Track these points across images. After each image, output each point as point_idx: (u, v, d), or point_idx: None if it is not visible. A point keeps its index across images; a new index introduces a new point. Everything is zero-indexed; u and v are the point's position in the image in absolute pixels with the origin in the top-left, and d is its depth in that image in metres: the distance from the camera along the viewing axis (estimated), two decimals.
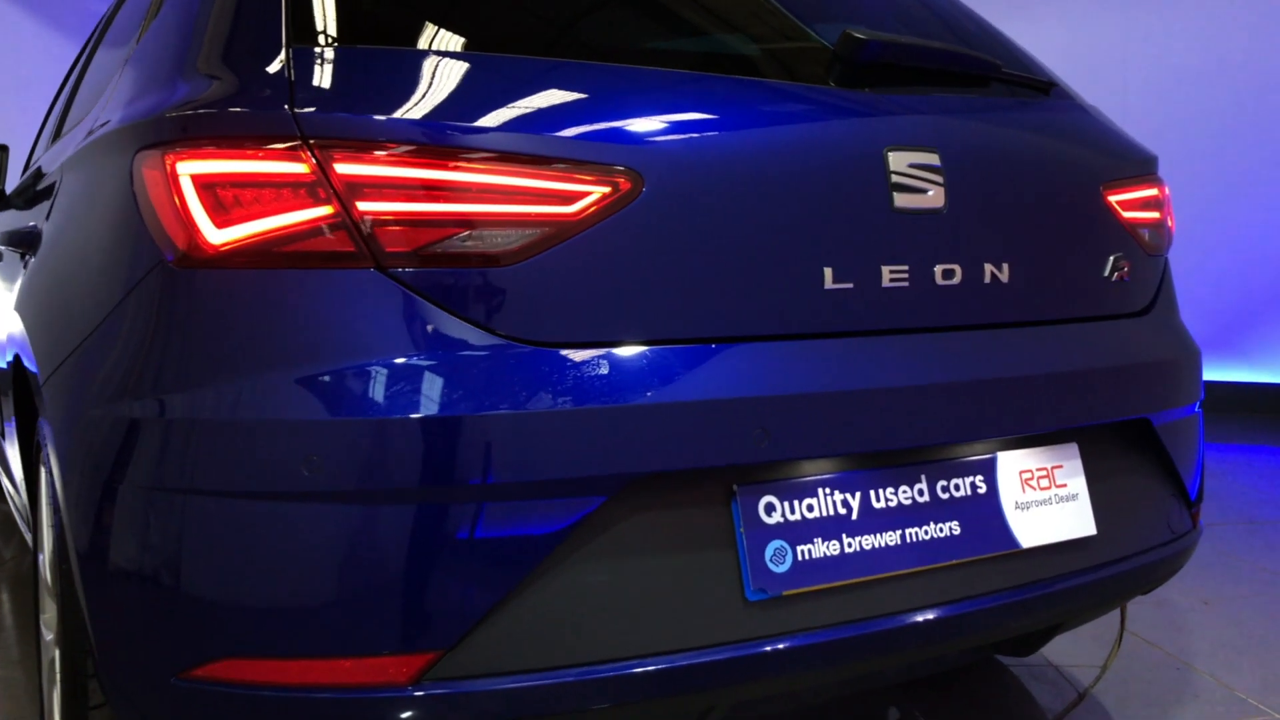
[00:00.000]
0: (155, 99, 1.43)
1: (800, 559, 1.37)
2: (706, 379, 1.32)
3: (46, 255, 1.78)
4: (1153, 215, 1.83)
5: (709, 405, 1.30)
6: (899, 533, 1.44)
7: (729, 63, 1.63)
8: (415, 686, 1.22)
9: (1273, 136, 6.12)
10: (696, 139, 1.37)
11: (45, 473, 1.59)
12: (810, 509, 1.39)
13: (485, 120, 1.29)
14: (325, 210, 1.24)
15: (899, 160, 1.47)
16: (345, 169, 1.24)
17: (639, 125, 1.35)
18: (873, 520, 1.43)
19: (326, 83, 1.32)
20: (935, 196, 1.50)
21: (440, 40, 1.45)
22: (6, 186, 2.87)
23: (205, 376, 1.23)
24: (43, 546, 1.76)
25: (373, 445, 1.20)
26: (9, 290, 2.14)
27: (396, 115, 1.27)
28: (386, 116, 1.27)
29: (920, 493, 1.48)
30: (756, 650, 1.33)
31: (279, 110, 1.26)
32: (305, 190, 1.24)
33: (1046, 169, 1.69)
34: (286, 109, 1.26)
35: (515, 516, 1.23)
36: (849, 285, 1.43)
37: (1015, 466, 1.57)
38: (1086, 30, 6.48)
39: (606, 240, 1.30)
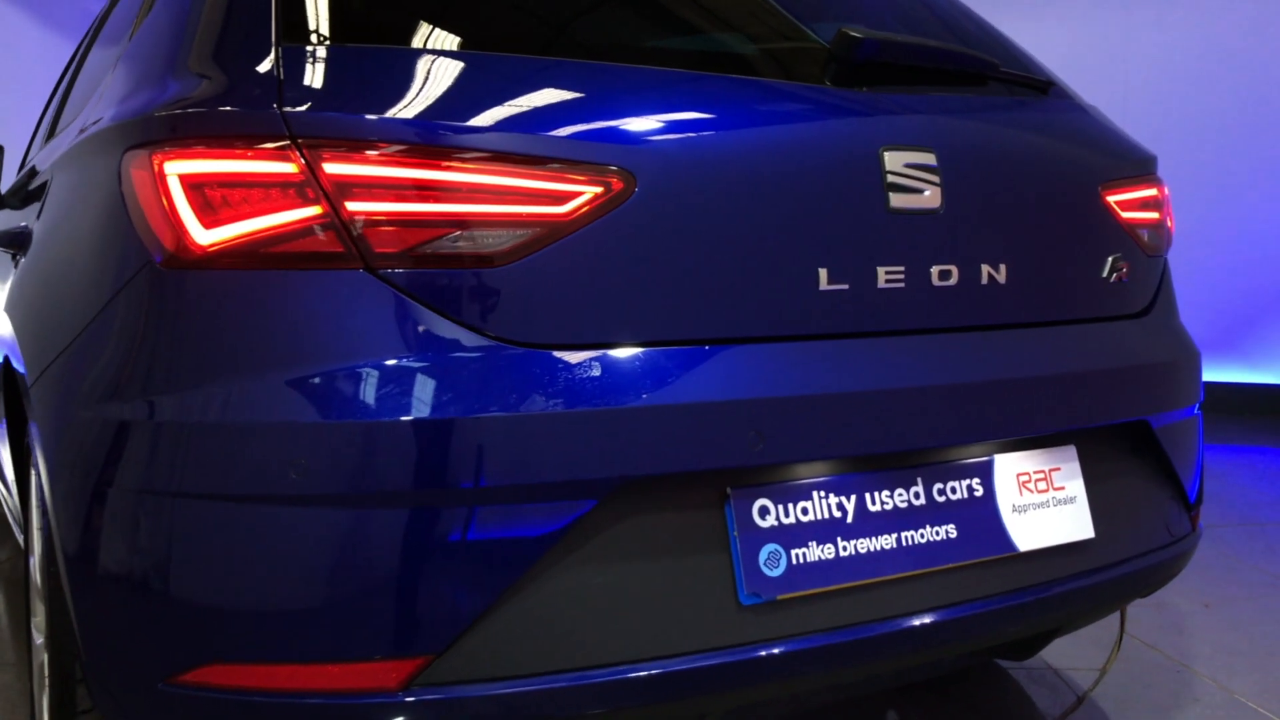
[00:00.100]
0: (146, 97, 1.42)
1: (795, 563, 1.36)
2: (700, 381, 1.30)
3: (36, 255, 1.76)
4: (1152, 215, 1.81)
5: (702, 408, 1.29)
6: (895, 536, 1.43)
7: (723, 61, 1.62)
8: (405, 692, 1.21)
9: (1273, 136, 6.10)
10: (690, 139, 1.36)
11: (35, 474, 1.58)
12: (805, 512, 1.38)
13: (476, 120, 1.28)
14: (314, 210, 1.22)
15: (895, 160, 1.46)
16: (334, 169, 1.23)
17: (632, 125, 1.34)
18: (868, 524, 1.42)
19: (316, 82, 1.30)
20: (931, 197, 1.49)
21: (430, 39, 1.44)
22: (2, 186, 2.86)
23: (193, 378, 1.22)
24: (34, 549, 1.74)
25: (361, 448, 1.19)
26: (0, 291, 2.13)
27: (386, 115, 1.26)
28: (376, 116, 1.26)
29: (916, 496, 1.46)
30: (750, 655, 1.31)
31: (268, 110, 1.25)
32: (294, 190, 1.23)
33: (1044, 169, 1.67)
34: (275, 108, 1.25)
35: (505, 520, 1.22)
36: (844, 286, 1.42)
37: (1012, 469, 1.56)
38: (1087, 30, 6.46)
39: (599, 241, 1.29)
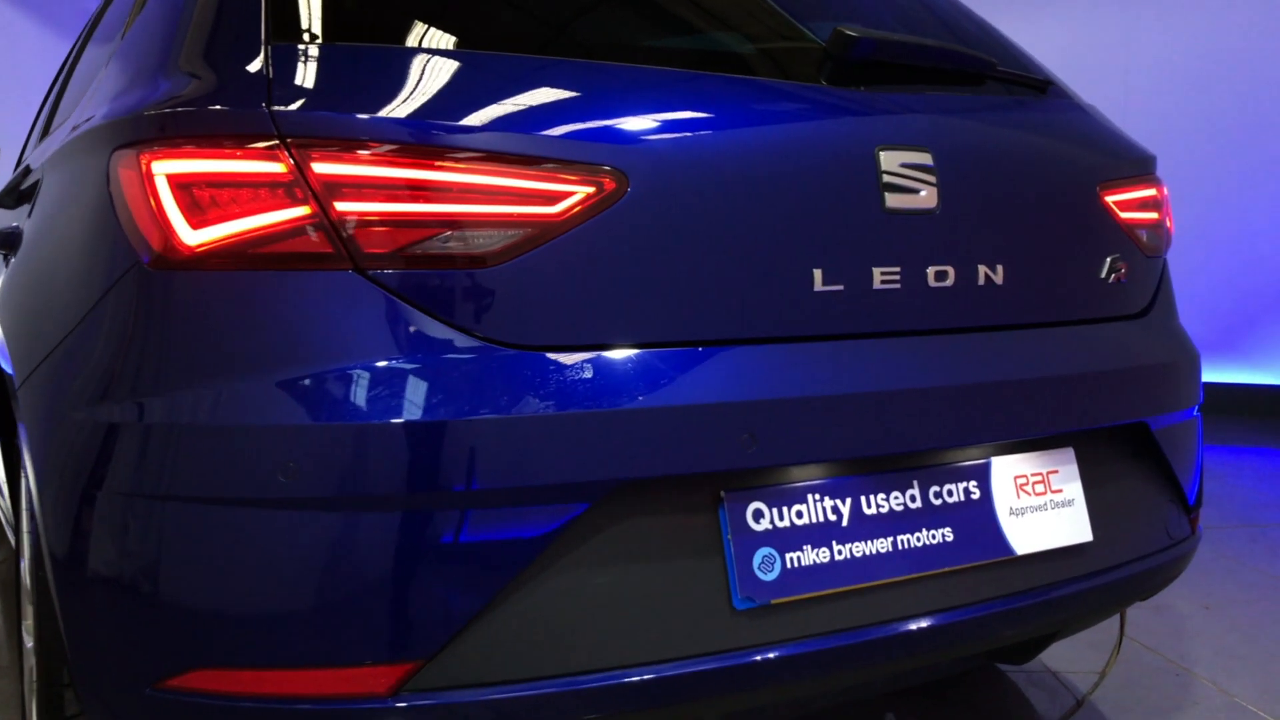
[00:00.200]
0: (136, 96, 1.41)
1: (789, 566, 1.34)
2: (693, 383, 1.29)
3: (25, 256, 1.75)
4: (1151, 216, 1.80)
5: (695, 410, 1.28)
6: (890, 540, 1.42)
7: (718, 60, 1.60)
8: (395, 697, 1.20)
9: (1273, 137, 6.09)
10: (683, 138, 1.34)
11: (23, 476, 1.57)
12: (799, 515, 1.37)
13: (466, 119, 1.26)
14: (303, 210, 1.21)
15: (890, 160, 1.44)
16: (323, 168, 1.21)
17: (624, 124, 1.32)
18: (863, 527, 1.40)
19: (306, 81, 1.29)
20: (928, 197, 1.47)
21: (421, 38, 1.43)
22: None
23: (180, 381, 1.21)
24: (25, 552, 1.73)
25: (350, 451, 1.17)
26: None
27: (376, 114, 1.25)
28: (366, 115, 1.24)
29: (912, 499, 1.45)
30: (745, 660, 1.30)
31: (256, 109, 1.23)
32: (283, 190, 1.21)
33: (1042, 169, 1.66)
34: (264, 107, 1.23)
35: (496, 524, 1.20)
36: (839, 287, 1.41)
37: (1010, 472, 1.54)
38: (1087, 30, 6.45)
39: (591, 241, 1.27)
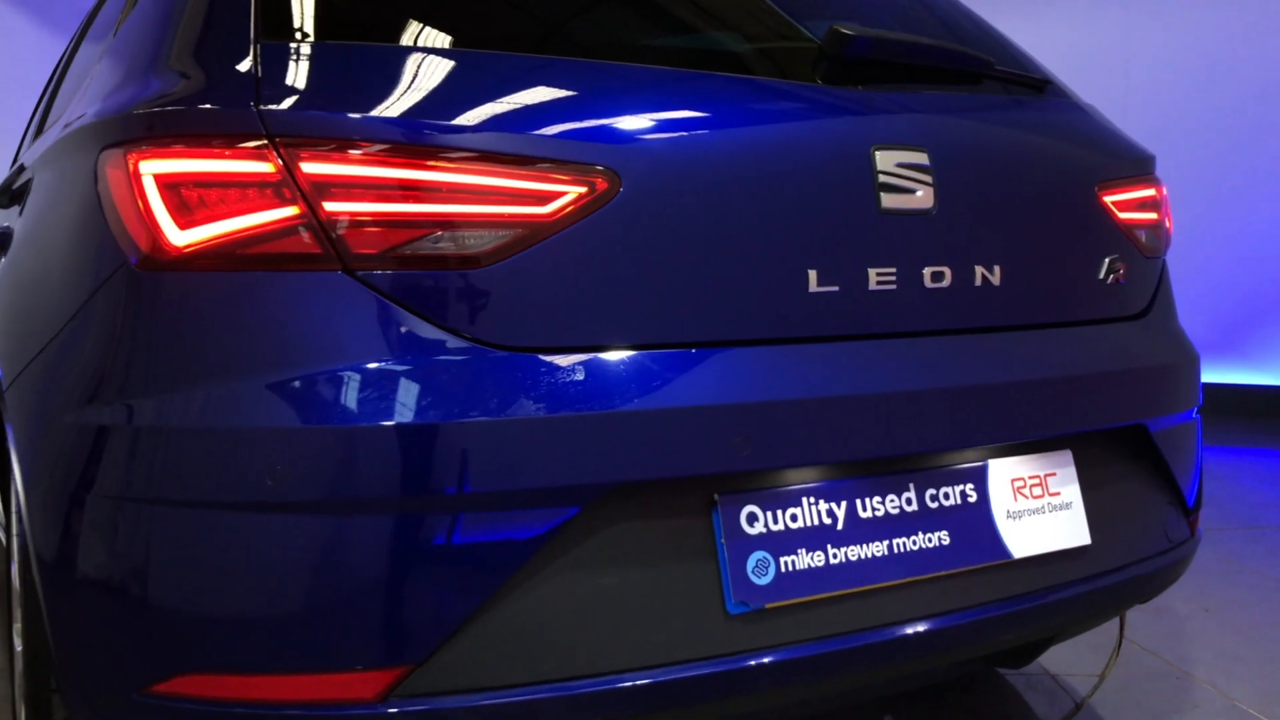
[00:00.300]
0: (126, 95, 1.40)
1: (783, 570, 1.33)
2: (686, 385, 1.28)
3: (14, 255, 1.74)
4: (1150, 216, 1.78)
5: (688, 412, 1.26)
6: (886, 543, 1.40)
7: (711, 59, 1.59)
8: (385, 703, 1.18)
9: (1274, 136, 6.08)
10: (677, 138, 1.33)
11: (11, 478, 1.56)
12: (794, 519, 1.35)
13: (456, 118, 1.25)
14: (291, 211, 1.20)
15: (886, 160, 1.43)
16: (312, 168, 1.20)
17: (616, 123, 1.31)
18: (859, 530, 1.39)
19: (295, 80, 1.28)
20: (924, 197, 1.46)
21: (411, 36, 1.41)
22: None
23: (167, 383, 1.20)
24: (14, 554, 1.72)
25: (338, 454, 1.16)
26: None
27: (365, 113, 1.23)
28: (355, 114, 1.23)
29: (908, 502, 1.44)
30: (738, 665, 1.29)
31: (245, 108, 1.22)
32: (271, 190, 1.20)
33: (1040, 168, 1.64)
34: (252, 107, 1.22)
35: (485, 527, 1.19)
36: (834, 288, 1.39)
37: (1007, 474, 1.53)
38: (1087, 30, 6.44)
39: (583, 242, 1.26)
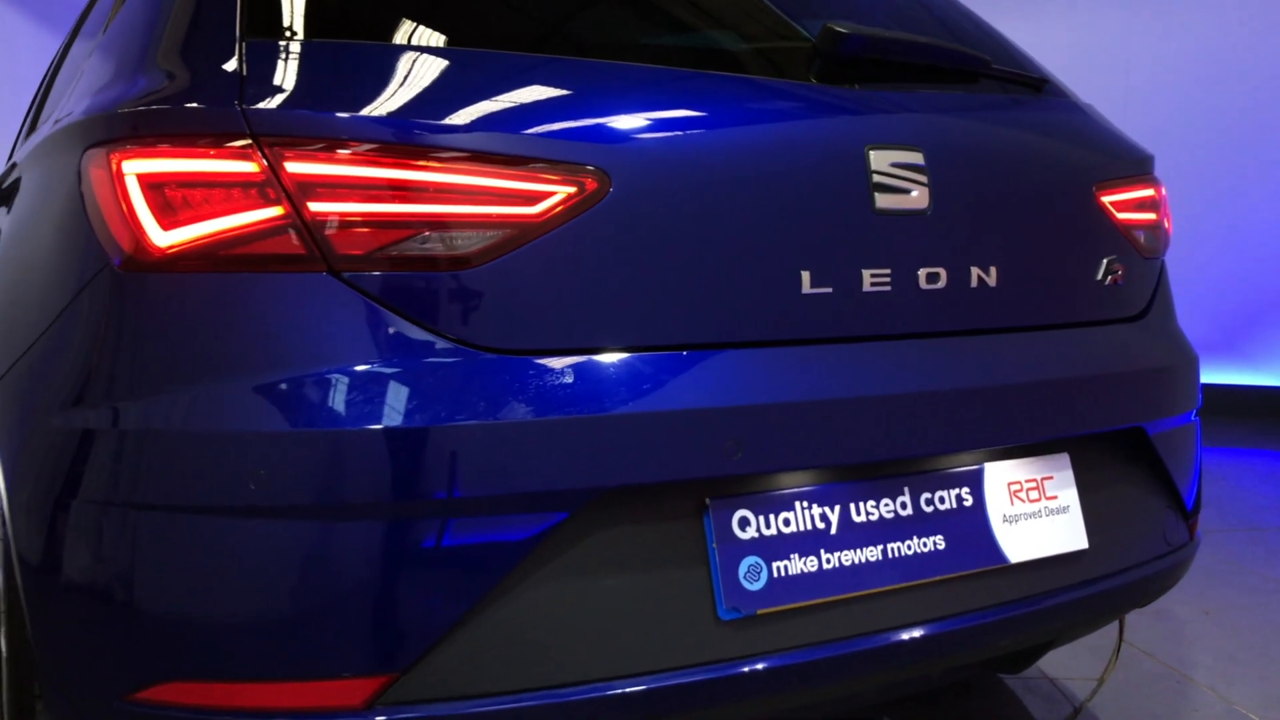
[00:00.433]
0: (114, 93, 1.38)
1: (776, 576, 1.31)
2: (677, 388, 1.26)
3: (0, 254, 1.72)
4: (1148, 216, 1.77)
5: (679, 415, 1.24)
6: (880, 548, 1.39)
7: (704, 57, 1.57)
8: (371, 710, 1.17)
9: (1274, 137, 6.06)
10: (667, 137, 1.31)
11: None
12: (786, 523, 1.34)
13: (443, 118, 1.23)
14: (275, 211, 1.18)
15: (881, 159, 1.41)
16: (296, 168, 1.18)
17: (606, 123, 1.29)
18: (852, 535, 1.37)
19: (280, 78, 1.26)
20: (919, 197, 1.44)
21: (398, 35, 1.40)
22: None
23: (150, 385, 1.18)
24: None
25: (321, 459, 1.14)
26: None
27: (351, 112, 1.21)
28: (340, 114, 1.21)
29: (903, 506, 1.42)
30: (730, 672, 1.27)
31: (229, 107, 1.21)
32: (255, 190, 1.18)
33: (1037, 168, 1.63)
34: (237, 106, 1.20)
35: (472, 532, 1.17)
36: (828, 289, 1.37)
37: (1003, 478, 1.51)
38: (1087, 30, 6.42)
39: (572, 243, 1.24)
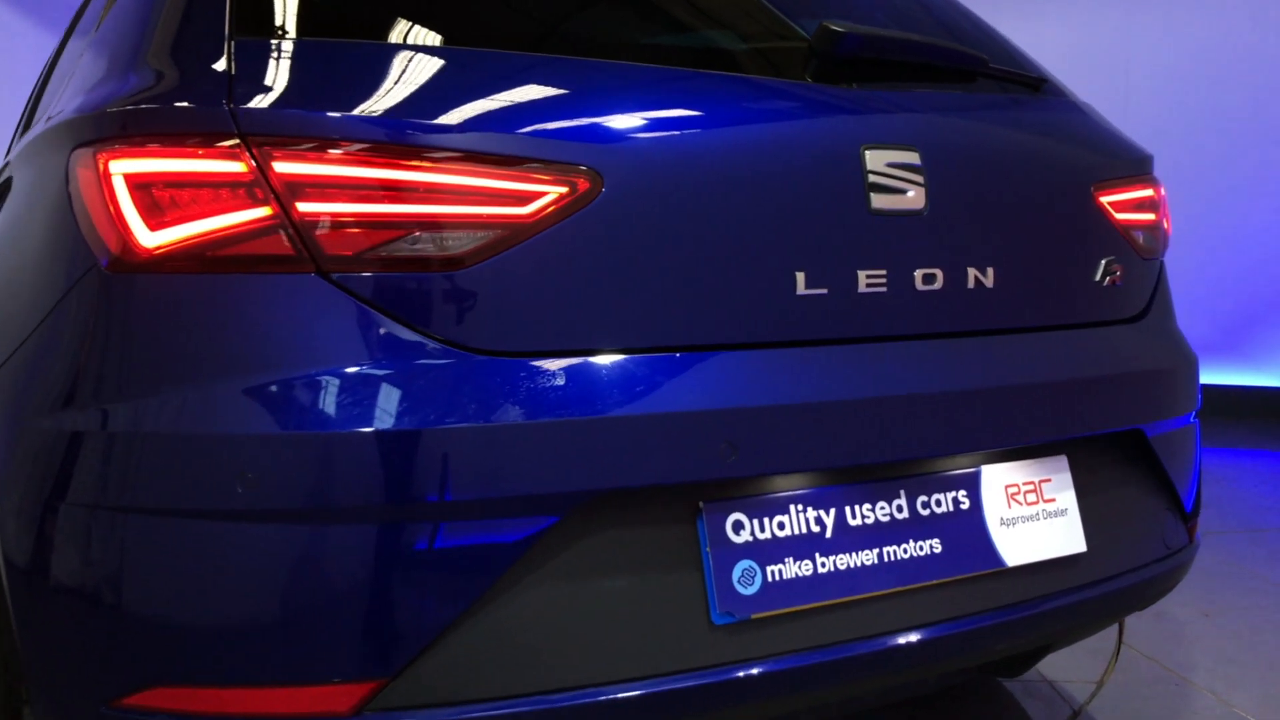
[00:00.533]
0: (103, 92, 1.37)
1: (770, 580, 1.30)
2: (670, 390, 1.25)
3: None
4: (1147, 217, 1.75)
5: (672, 418, 1.23)
6: (876, 551, 1.37)
7: (698, 56, 1.55)
8: (359, 716, 1.15)
9: (1274, 137, 6.04)
10: (661, 137, 1.30)
11: None
12: (781, 527, 1.32)
13: (432, 117, 1.22)
14: (264, 211, 1.17)
15: (876, 159, 1.40)
16: (285, 168, 1.17)
17: (599, 122, 1.28)
18: (848, 539, 1.36)
19: (269, 78, 1.25)
20: (915, 197, 1.43)
21: (387, 34, 1.38)
22: None
23: (138, 388, 1.17)
24: None
25: (310, 461, 1.13)
26: None
27: (340, 112, 1.20)
28: (330, 113, 1.20)
29: (899, 509, 1.41)
30: (724, 677, 1.26)
31: (217, 107, 1.19)
32: (243, 190, 1.17)
33: (1034, 168, 1.61)
34: (225, 105, 1.19)
35: (461, 536, 1.16)
36: (823, 291, 1.36)
37: (1000, 480, 1.50)
38: (1087, 30, 6.41)
39: (564, 243, 1.23)
